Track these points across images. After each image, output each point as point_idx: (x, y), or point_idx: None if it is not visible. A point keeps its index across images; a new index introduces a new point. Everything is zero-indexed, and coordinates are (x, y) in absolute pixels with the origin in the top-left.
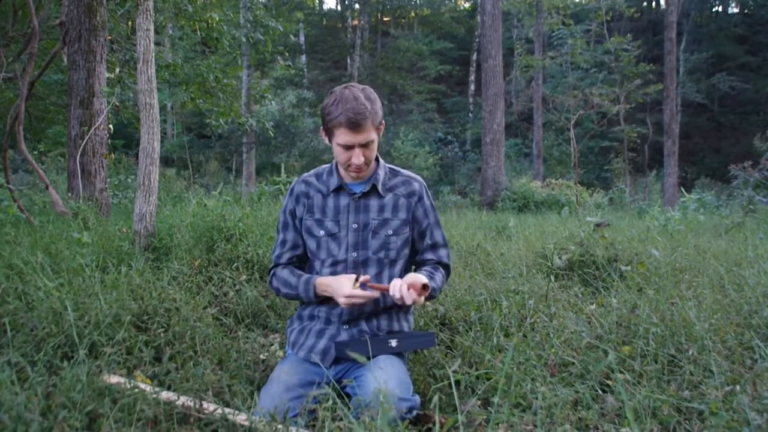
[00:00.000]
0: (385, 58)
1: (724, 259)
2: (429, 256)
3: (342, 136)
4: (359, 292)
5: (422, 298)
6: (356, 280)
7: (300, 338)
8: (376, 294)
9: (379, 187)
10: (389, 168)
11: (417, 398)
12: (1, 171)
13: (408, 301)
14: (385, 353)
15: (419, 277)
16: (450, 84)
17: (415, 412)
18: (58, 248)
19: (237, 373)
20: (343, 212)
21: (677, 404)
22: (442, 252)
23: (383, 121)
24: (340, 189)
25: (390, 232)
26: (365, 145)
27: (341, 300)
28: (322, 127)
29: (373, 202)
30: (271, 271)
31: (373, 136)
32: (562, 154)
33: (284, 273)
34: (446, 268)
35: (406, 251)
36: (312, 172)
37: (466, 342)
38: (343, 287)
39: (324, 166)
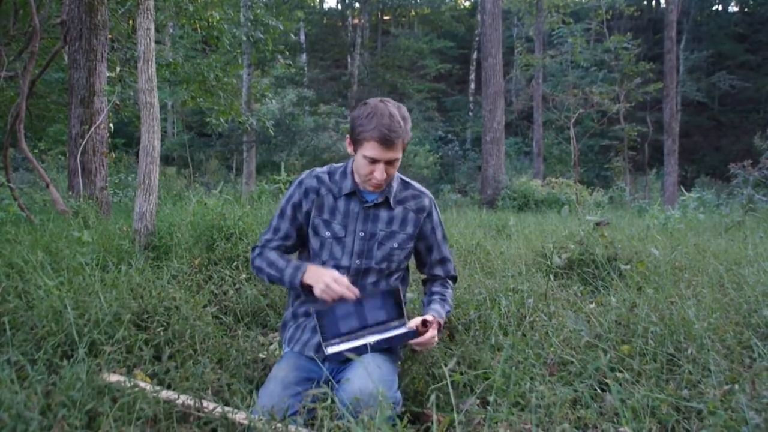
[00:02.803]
0: (386, 56)
1: (724, 257)
2: (438, 271)
3: (371, 150)
4: (344, 283)
5: (430, 333)
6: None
7: (296, 334)
8: (352, 296)
9: (391, 200)
10: (401, 179)
11: (398, 395)
12: (1, 169)
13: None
14: (365, 352)
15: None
16: (450, 82)
17: (397, 409)
18: (59, 247)
19: (236, 372)
20: (351, 218)
21: (676, 403)
22: (450, 266)
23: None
24: (352, 194)
25: (395, 245)
26: (390, 162)
27: (325, 280)
28: (348, 136)
29: (383, 214)
30: (257, 250)
31: (400, 155)
32: (562, 152)
33: (272, 255)
34: (454, 279)
35: (406, 263)
36: (324, 168)
37: (465, 341)
38: (334, 272)
39: (337, 165)
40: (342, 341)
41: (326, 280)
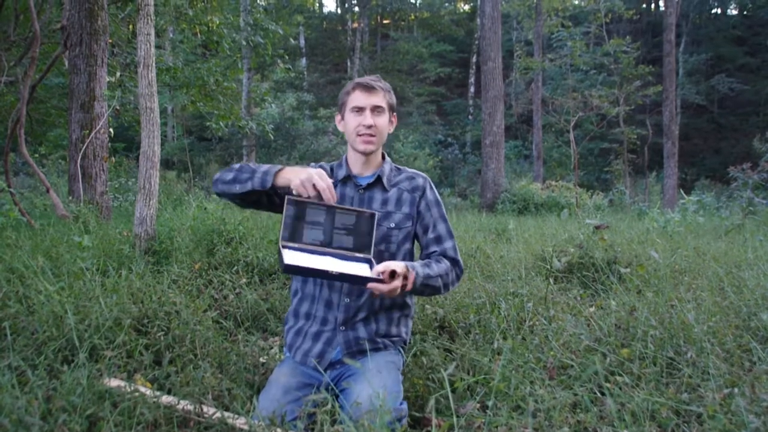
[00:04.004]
0: (385, 60)
1: (724, 261)
2: (433, 248)
3: (354, 100)
4: (328, 181)
5: (394, 284)
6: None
7: (297, 341)
8: (331, 196)
9: (384, 181)
10: (395, 166)
11: (404, 407)
12: (2, 174)
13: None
14: (324, 278)
15: (391, 264)
16: (450, 86)
17: (404, 421)
18: (59, 252)
19: (237, 377)
20: (347, 202)
21: (676, 407)
22: (447, 244)
23: (395, 114)
24: (347, 179)
25: (392, 224)
26: (375, 111)
27: (309, 171)
28: (337, 113)
29: (378, 195)
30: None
31: (384, 104)
32: (562, 155)
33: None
34: (453, 261)
35: (408, 246)
36: (328, 163)
37: (464, 345)
38: (320, 171)
39: (335, 162)
40: (300, 250)
41: (310, 172)
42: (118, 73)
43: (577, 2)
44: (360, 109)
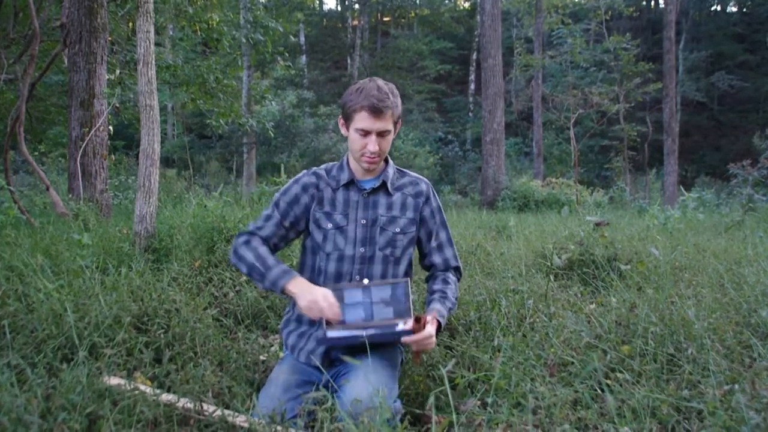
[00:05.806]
0: (385, 57)
1: (724, 257)
2: (436, 258)
3: (361, 121)
4: (333, 302)
5: (427, 331)
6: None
7: (300, 342)
8: (336, 317)
9: (389, 185)
10: (397, 169)
11: (398, 405)
12: (1, 172)
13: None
14: (360, 343)
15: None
16: (450, 83)
17: (398, 418)
18: (59, 250)
19: (237, 375)
20: (352, 207)
21: (676, 403)
22: (448, 252)
23: (401, 120)
24: (350, 184)
25: (397, 229)
26: (382, 135)
27: (315, 294)
28: (340, 116)
29: (382, 200)
30: (244, 237)
31: (391, 127)
32: (562, 153)
33: (263, 249)
34: (456, 270)
35: (411, 250)
36: (322, 166)
37: (465, 342)
38: (325, 290)
39: (333, 162)
40: (343, 329)
41: (316, 295)
42: (117, 71)
43: None
44: (366, 133)
